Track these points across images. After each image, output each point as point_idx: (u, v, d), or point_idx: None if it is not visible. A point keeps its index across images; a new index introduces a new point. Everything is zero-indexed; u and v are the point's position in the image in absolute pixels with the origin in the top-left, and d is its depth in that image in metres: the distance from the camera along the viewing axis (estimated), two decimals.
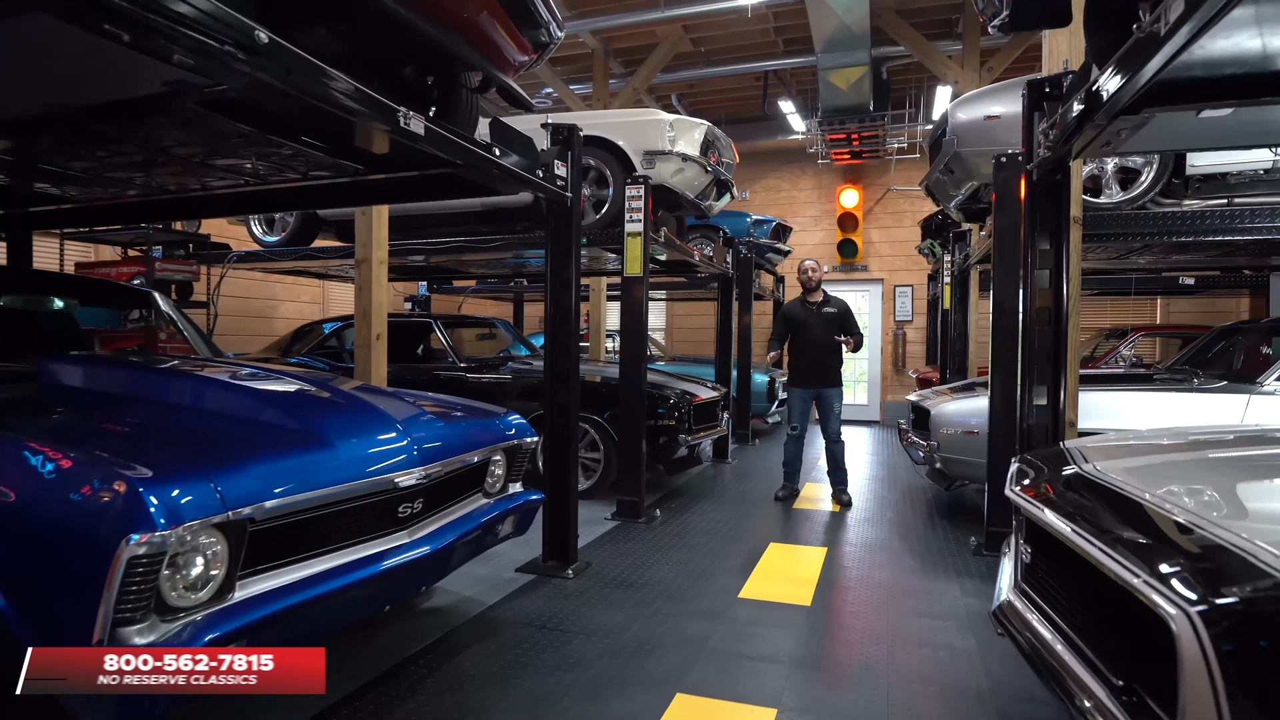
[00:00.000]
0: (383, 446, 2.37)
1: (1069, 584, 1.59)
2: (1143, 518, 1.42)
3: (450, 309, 11.45)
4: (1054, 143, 2.81)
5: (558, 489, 3.87)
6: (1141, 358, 8.67)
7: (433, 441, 2.62)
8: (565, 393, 3.88)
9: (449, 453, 2.67)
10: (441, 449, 2.63)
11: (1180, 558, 1.22)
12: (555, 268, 3.89)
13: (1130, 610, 1.27)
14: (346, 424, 2.38)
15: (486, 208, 6.09)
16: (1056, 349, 3.17)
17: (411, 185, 3.66)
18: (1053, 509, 1.56)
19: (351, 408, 2.59)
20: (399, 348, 6.65)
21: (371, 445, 2.34)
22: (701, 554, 4.26)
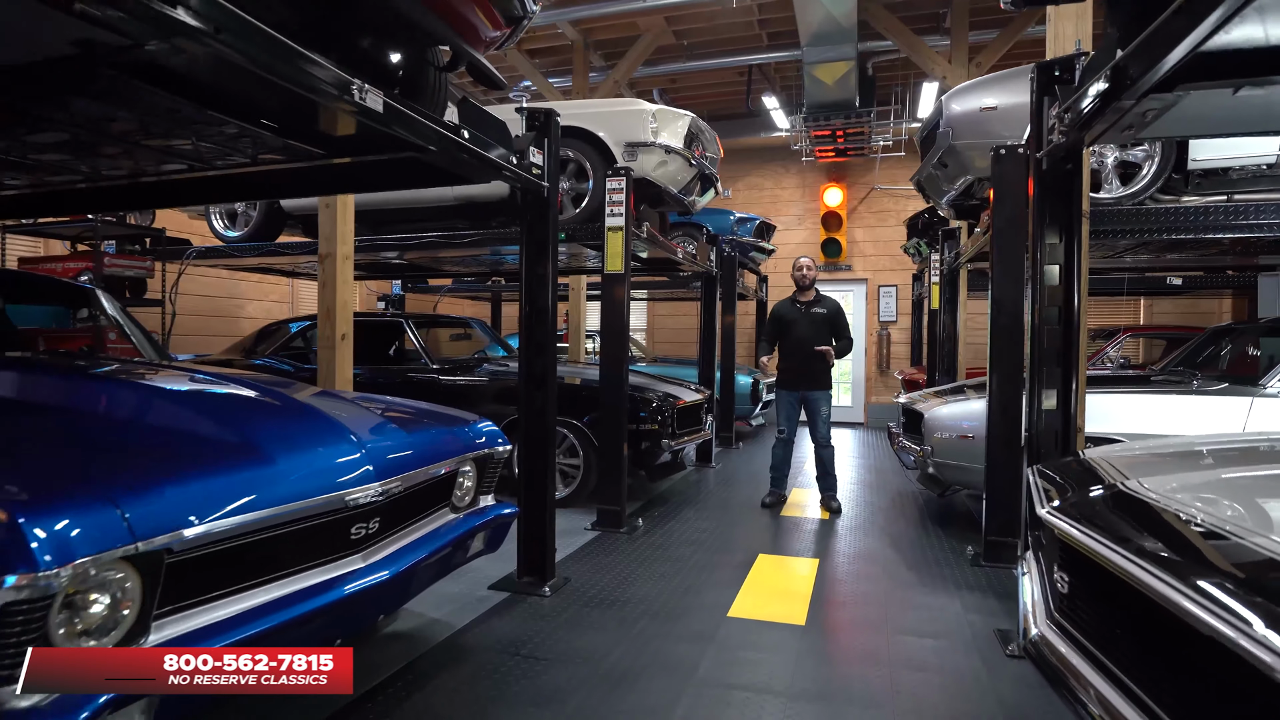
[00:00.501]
0: (333, 460, 2.10)
1: (1127, 623, 1.37)
2: (1231, 554, 1.20)
3: (426, 309, 11.13)
4: (1069, 127, 2.61)
5: (534, 501, 3.61)
6: (1129, 359, 8.57)
7: (392, 453, 2.35)
8: (541, 397, 3.63)
9: (411, 465, 2.40)
10: (402, 461, 2.36)
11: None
12: (531, 263, 3.64)
13: (1223, 664, 1.05)
14: (291, 435, 2.11)
15: (460, 201, 5.82)
16: (1067, 350, 2.98)
17: (375, 172, 3.40)
18: (1111, 540, 1.34)
19: (298, 417, 2.32)
20: (369, 349, 6.36)
21: (319, 459, 2.06)
22: (687, 567, 4.02)
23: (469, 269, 8.59)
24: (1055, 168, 2.96)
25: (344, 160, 3.03)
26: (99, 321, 3.96)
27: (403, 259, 7.50)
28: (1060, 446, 3.04)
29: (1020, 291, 4.13)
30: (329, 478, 2.04)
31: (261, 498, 1.81)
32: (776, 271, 12.06)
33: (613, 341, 4.85)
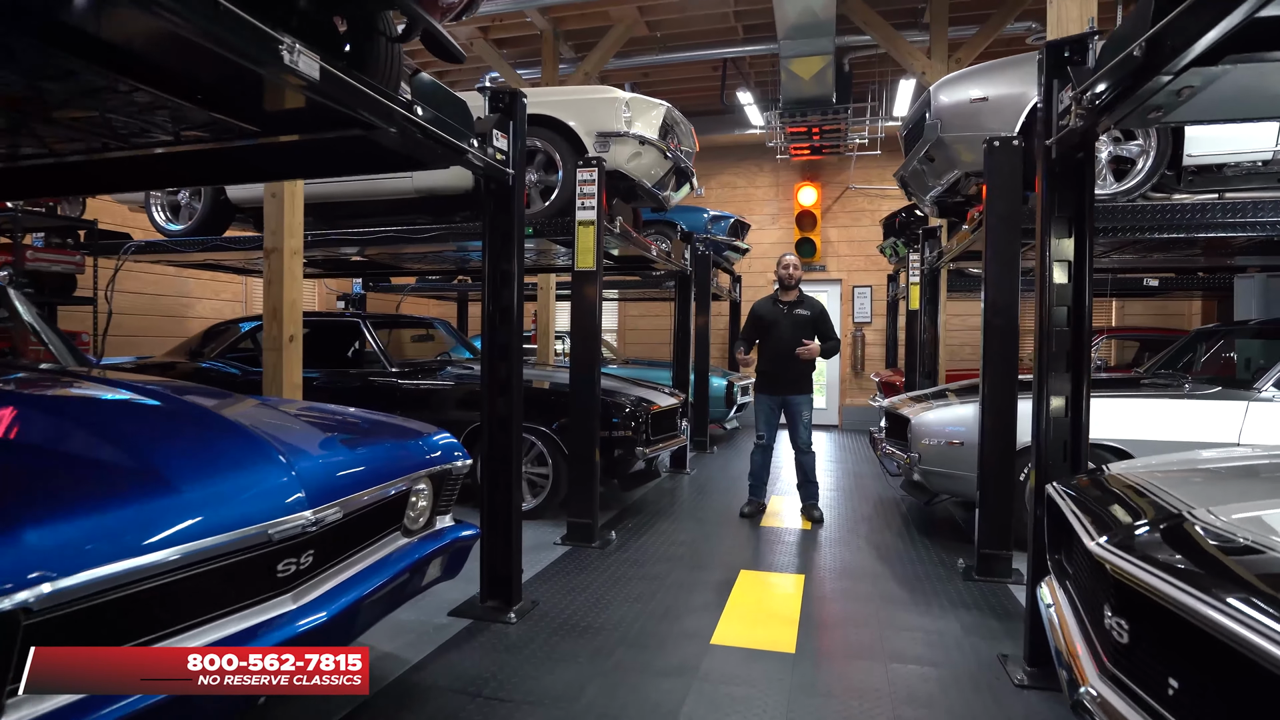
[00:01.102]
0: (254, 485, 1.77)
1: (1229, 696, 1.11)
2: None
3: (388, 309, 10.71)
4: (1087, 110, 2.38)
5: (498, 519, 3.30)
6: (1106, 360, 8.49)
7: (331, 473, 2.03)
8: (506, 404, 3.31)
9: (354, 486, 2.08)
10: (343, 482, 2.04)
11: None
12: (494, 258, 3.32)
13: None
14: (204, 458, 1.78)
15: (422, 194, 5.48)
16: (1077, 353, 2.75)
17: (321, 155, 3.07)
18: (1209, 595, 1.08)
19: (217, 434, 1.98)
20: (324, 351, 5.99)
21: (237, 485, 1.74)
22: (665, 586, 3.74)
23: (433, 267, 8.23)
24: (1065, 156, 2.73)
25: (283, 140, 2.69)
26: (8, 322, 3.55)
27: (364, 255, 7.12)
28: (1070, 457, 2.81)
29: (1015, 291, 3.93)
30: (249, 507, 1.71)
31: (159, 536, 1.49)
32: (750, 271, 11.85)
33: (584, 343, 4.55)
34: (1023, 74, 4.34)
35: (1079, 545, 1.74)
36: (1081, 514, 1.67)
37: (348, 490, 2.03)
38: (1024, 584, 3.80)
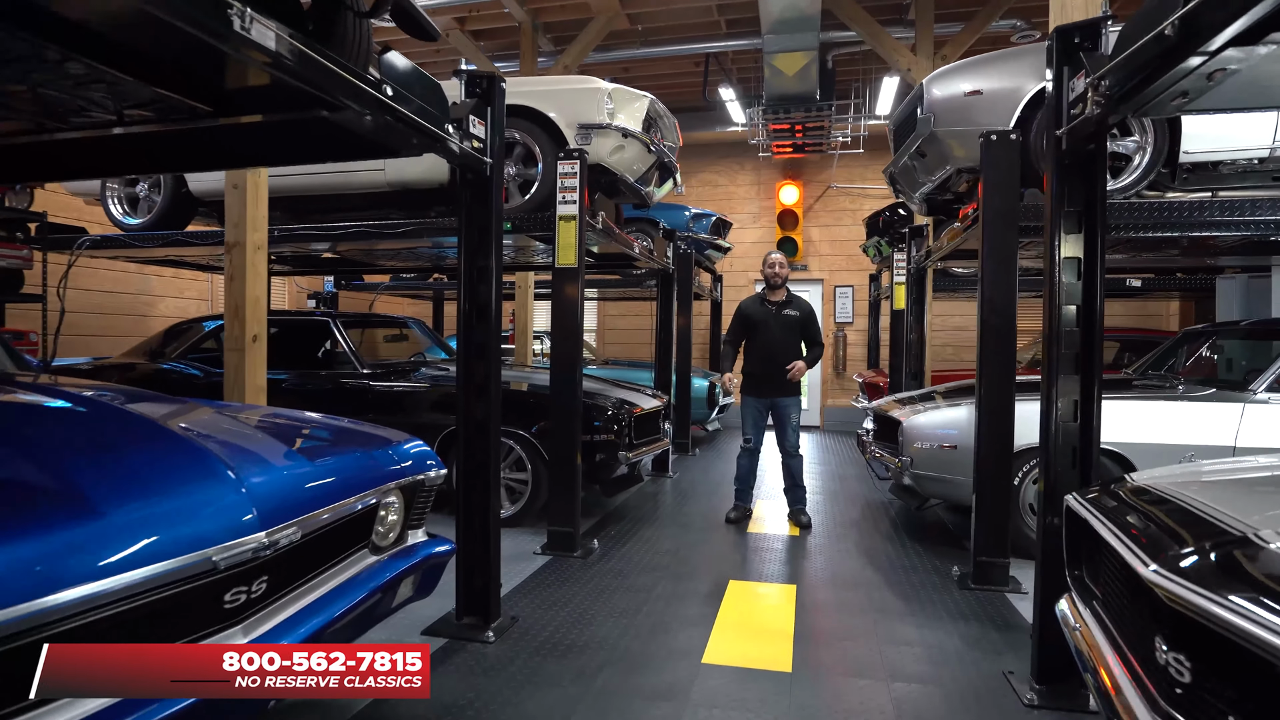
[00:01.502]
0: (196, 506, 1.57)
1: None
2: None
3: (361, 308, 10.41)
4: (1106, 96, 2.24)
5: (475, 531, 3.09)
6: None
7: (287, 489, 1.83)
8: (484, 407, 3.11)
9: (314, 502, 1.88)
10: (301, 498, 1.84)
11: None
12: (471, 253, 3.12)
13: None
14: (136, 475, 1.57)
15: (395, 187, 5.25)
16: (1088, 355, 2.62)
17: (282, 140, 2.84)
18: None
19: (154, 447, 1.77)
20: (293, 351, 5.73)
21: (174, 506, 1.53)
22: (651, 599, 3.56)
23: (408, 264, 7.96)
24: (1076, 148, 2.59)
25: (241, 122, 2.47)
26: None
27: (336, 252, 6.86)
28: (1079, 464, 2.68)
29: (1013, 289, 3.80)
30: (189, 531, 1.50)
31: (77, 569, 1.28)
32: (732, 271, 11.71)
33: (565, 343, 4.36)
34: (1018, 67, 4.22)
35: (1117, 566, 1.59)
36: (1121, 532, 1.52)
37: (307, 507, 1.83)
38: (1022, 593, 3.69)
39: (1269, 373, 4.26)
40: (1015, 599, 3.62)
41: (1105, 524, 1.62)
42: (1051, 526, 2.68)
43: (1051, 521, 2.69)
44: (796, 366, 5.00)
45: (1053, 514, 2.69)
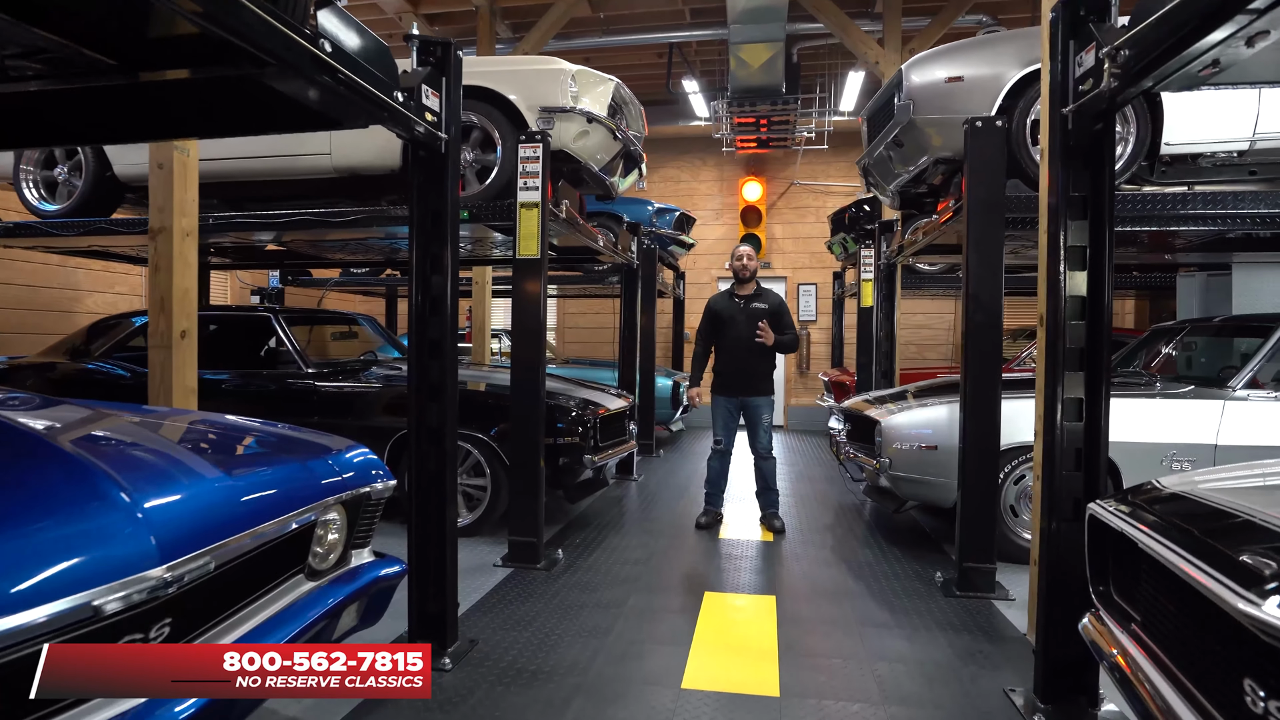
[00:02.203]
0: (74, 539, 1.26)
1: None
2: None
3: (310, 304, 9.93)
4: (1124, 68, 2.06)
5: (429, 548, 2.79)
6: None
7: (198, 511, 1.52)
8: (438, 411, 2.81)
9: (232, 525, 1.58)
10: (216, 522, 1.54)
11: None
12: (424, 239, 2.82)
13: None
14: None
15: (342, 173, 4.89)
16: (1094, 352, 2.45)
17: (210, 107, 2.52)
18: None
19: (28, 466, 1.45)
20: (232, 350, 5.33)
21: (45, 540, 1.22)
22: (623, 615, 3.30)
23: (360, 258, 7.53)
24: (1083, 128, 2.41)
25: (151, 81, 2.14)
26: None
27: (281, 244, 6.45)
28: (1084, 468, 2.50)
29: (999, 284, 3.64)
30: (65, 569, 1.20)
31: None
32: (695, 268, 11.52)
33: (526, 340, 4.07)
34: (1000, 53, 4.07)
35: (1177, 590, 1.39)
36: (1192, 554, 1.30)
37: (223, 532, 1.53)
38: (1010, 599, 3.53)
39: (1247, 370, 4.19)
40: (1003, 606, 3.46)
41: (1164, 542, 1.41)
42: (1054, 533, 2.50)
43: (1053, 527, 2.51)
44: (765, 331, 4.75)
45: (1056, 519, 2.51)
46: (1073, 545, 2.50)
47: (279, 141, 4.86)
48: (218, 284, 10.37)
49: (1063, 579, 2.50)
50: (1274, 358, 4.22)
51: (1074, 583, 2.49)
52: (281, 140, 4.86)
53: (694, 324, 9.41)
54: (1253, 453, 4.01)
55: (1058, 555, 2.51)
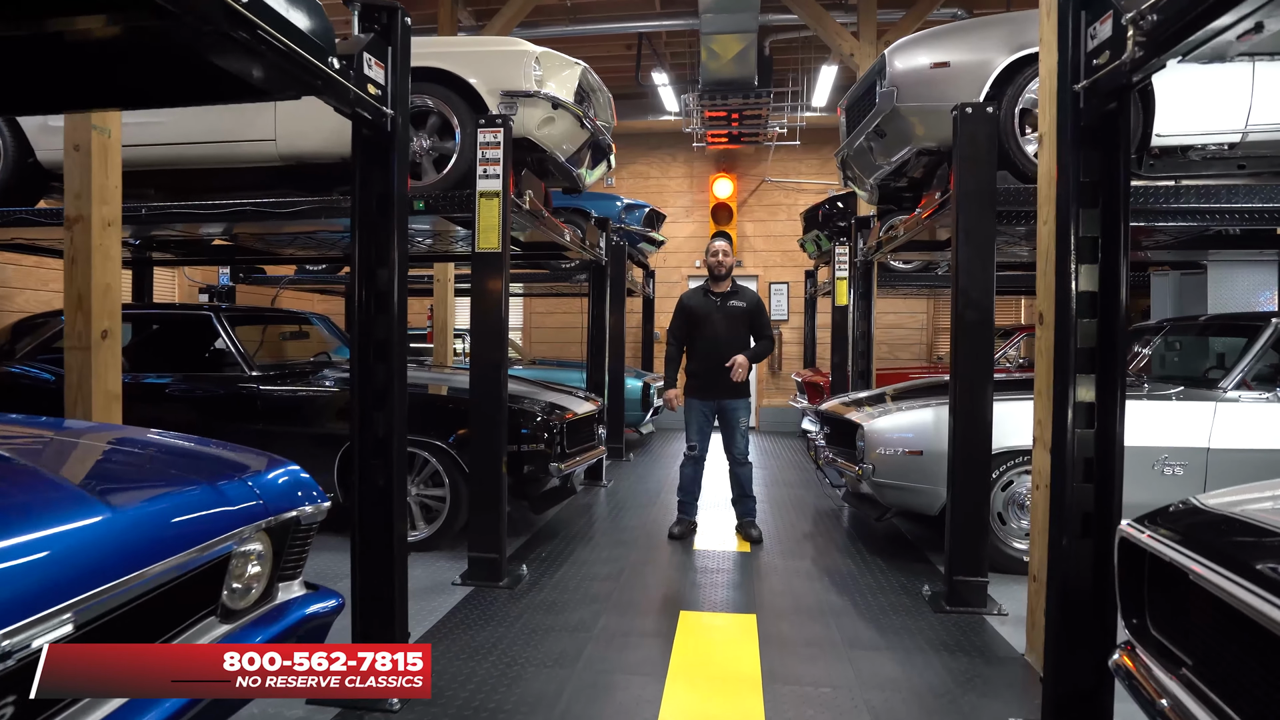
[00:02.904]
0: None
1: None
2: None
3: (264, 304, 9.48)
4: (1150, 36, 1.85)
5: (374, 577, 2.50)
6: (1027, 358, 8.36)
7: (46, 562, 1.22)
8: (385, 419, 2.52)
9: (102, 574, 1.28)
10: (79, 568, 1.24)
11: None
12: (368, 228, 2.52)
13: None
14: None
15: (288, 160, 4.55)
16: (1108, 353, 2.24)
17: (118, 71, 2.20)
18: None
19: None
20: (168, 351, 4.96)
21: None
22: (592, 639, 3.03)
23: (315, 254, 7.14)
24: (1094, 107, 2.20)
25: (34, 33, 1.82)
26: None
27: (231, 239, 6.06)
28: (1096, 479, 2.29)
29: (991, 280, 3.44)
30: None
31: None
32: (665, 266, 11.29)
33: (487, 340, 3.78)
34: (987, 38, 3.88)
35: (1256, 636, 1.16)
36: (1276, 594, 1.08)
37: (91, 581, 1.23)
38: (1002, 615, 3.33)
39: (1237, 370, 4.06)
40: (997, 623, 3.26)
41: (1235, 579, 1.18)
42: (1065, 550, 2.29)
43: (1064, 544, 2.30)
44: (736, 363, 4.50)
45: (1066, 535, 2.29)
46: (1081, 565, 2.30)
47: (218, 126, 4.51)
48: (164, 282, 9.87)
49: (1072, 601, 2.29)
50: (1263, 358, 4.11)
51: (1083, 605, 2.28)
52: (221, 124, 4.52)
53: (664, 324, 9.17)
54: (1246, 457, 3.88)
55: (1067, 576, 2.30)
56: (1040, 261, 2.88)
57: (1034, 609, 2.86)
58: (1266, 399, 3.95)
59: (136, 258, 6.86)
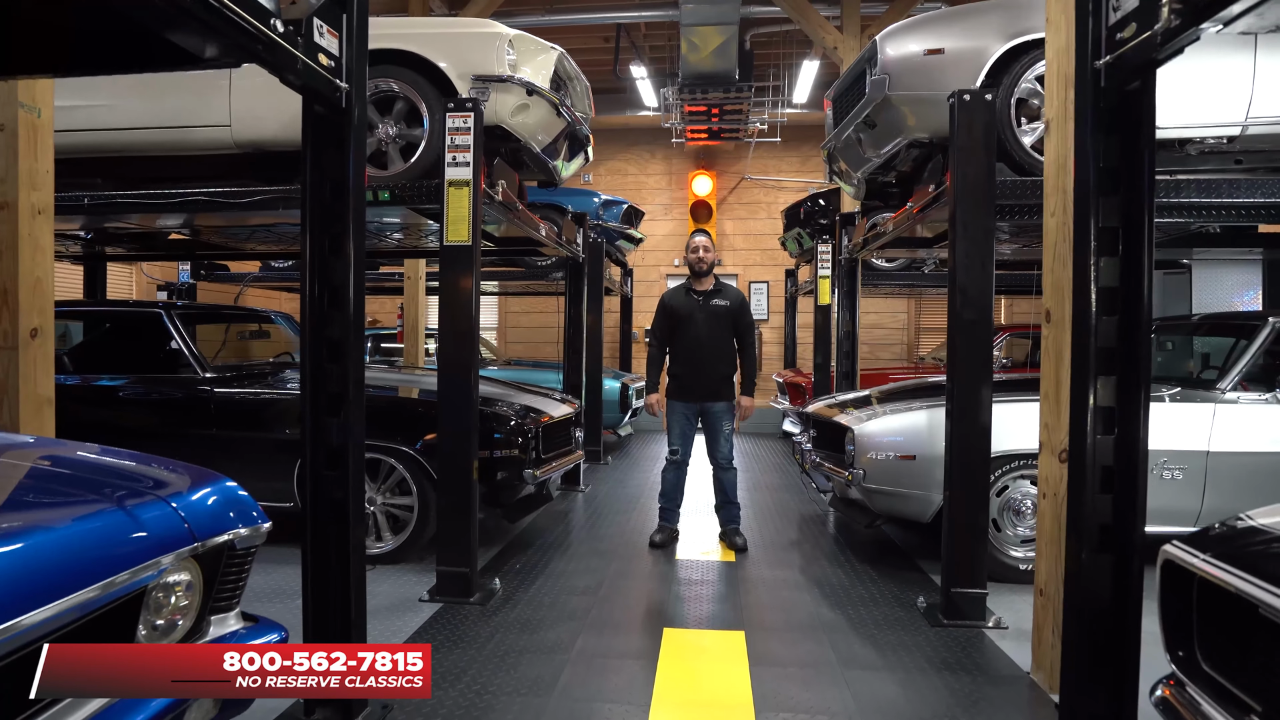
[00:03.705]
0: None
1: None
2: None
3: (227, 302, 9.12)
4: (1185, 1, 1.68)
5: (330, 606, 2.25)
6: (1013, 359, 8.27)
7: None
8: (340, 428, 2.27)
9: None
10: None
11: None
12: (320, 216, 2.29)
13: None
14: None
15: (244, 148, 4.27)
16: (1131, 353, 2.07)
17: (29, 33, 1.94)
18: None
19: None
20: (114, 352, 4.66)
21: None
22: (570, 663, 2.80)
23: (280, 249, 6.78)
24: (1116, 86, 2.03)
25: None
26: None
27: (189, 233, 5.74)
28: (1115, 489, 2.11)
29: (989, 276, 3.27)
30: None
31: None
32: (643, 265, 11.08)
33: (457, 339, 3.53)
34: (984, 24, 3.72)
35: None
36: None
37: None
38: (1003, 629, 3.17)
39: (1235, 371, 3.95)
40: (997, 637, 3.09)
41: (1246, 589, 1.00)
42: (1084, 567, 2.11)
43: (1083, 557, 2.12)
44: (741, 405, 4.58)
45: (1086, 548, 2.12)
46: (1100, 581, 2.12)
47: (169, 110, 4.23)
48: (121, 279, 9.49)
49: (1090, 621, 2.12)
50: (1259, 358, 4.00)
51: (1102, 626, 2.11)
52: (172, 109, 4.23)
53: (643, 323, 8.98)
54: (1248, 461, 3.76)
55: (1084, 594, 2.13)
56: (1047, 256, 2.71)
57: (1040, 625, 2.69)
58: (1265, 400, 3.84)
59: (88, 252, 6.51)
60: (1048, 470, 2.68)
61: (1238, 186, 3.64)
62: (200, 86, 4.19)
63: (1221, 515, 3.77)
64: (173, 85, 4.21)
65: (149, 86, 4.22)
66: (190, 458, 1.86)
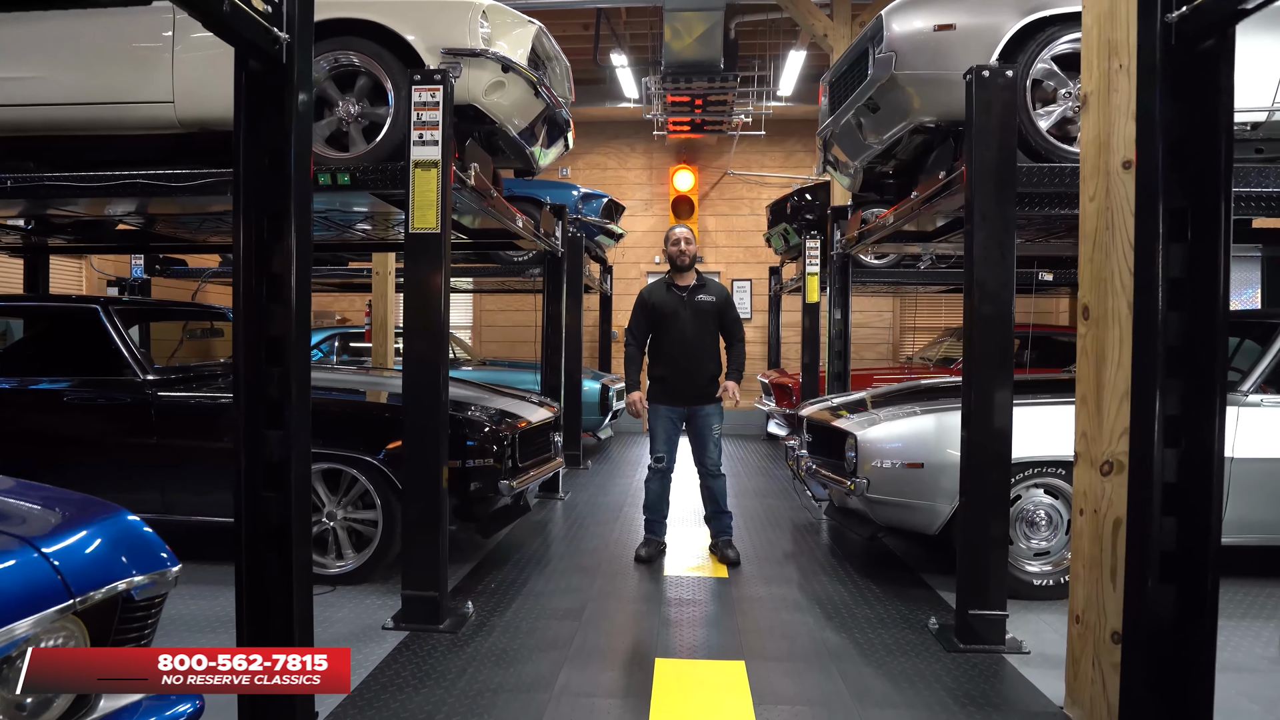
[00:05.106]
0: None
1: None
2: None
3: (184, 298, 8.63)
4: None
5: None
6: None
7: None
8: (281, 440, 1.93)
9: None
10: None
11: None
12: (256, 192, 1.94)
13: None
14: None
15: (191, 128, 3.91)
16: (1205, 351, 1.79)
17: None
18: None
19: None
20: (52, 352, 4.25)
21: None
22: (551, 703, 2.48)
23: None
24: (1187, 46, 1.75)
25: None
26: None
27: (145, 225, 5.31)
28: (1183, 512, 1.83)
29: (1010, 270, 2.99)
30: None
31: None
32: (623, 261, 10.76)
33: (424, 336, 3.18)
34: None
35: None
36: None
37: None
38: (1024, 653, 2.90)
39: (1257, 372, 3.73)
40: (1019, 663, 2.82)
41: None
42: (1149, 596, 1.83)
43: (1149, 584, 1.84)
44: (728, 390, 4.27)
45: (1149, 575, 1.84)
46: (1161, 616, 1.85)
47: (105, 84, 3.83)
48: (69, 274, 8.98)
49: (1153, 663, 1.84)
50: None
51: (1164, 666, 1.84)
52: (109, 82, 3.83)
53: (622, 322, 8.65)
54: (1272, 466, 3.54)
55: (1144, 631, 1.85)
56: (1085, 245, 2.43)
57: (1078, 656, 2.42)
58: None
59: (28, 243, 6.04)
60: (1086, 484, 2.41)
61: (1266, 174, 3.41)
62: (140, 59, 3.80)
63: (1248, 528, 3.56)
64: (110, 56, 3.82)
65: (83, 57, 3.83)
66: (129, 470, 1.68)
